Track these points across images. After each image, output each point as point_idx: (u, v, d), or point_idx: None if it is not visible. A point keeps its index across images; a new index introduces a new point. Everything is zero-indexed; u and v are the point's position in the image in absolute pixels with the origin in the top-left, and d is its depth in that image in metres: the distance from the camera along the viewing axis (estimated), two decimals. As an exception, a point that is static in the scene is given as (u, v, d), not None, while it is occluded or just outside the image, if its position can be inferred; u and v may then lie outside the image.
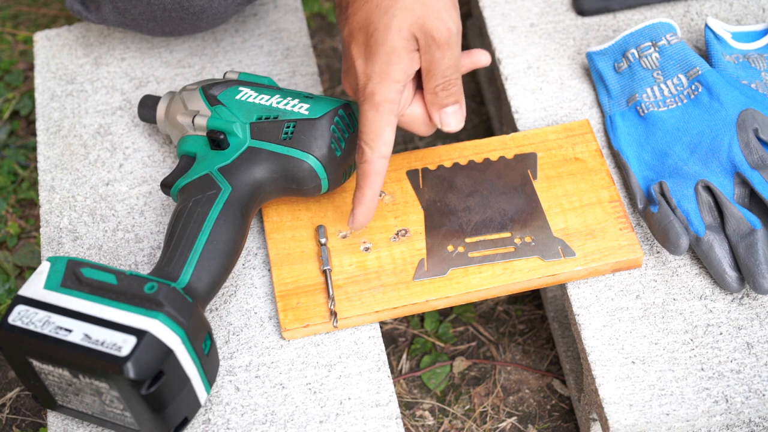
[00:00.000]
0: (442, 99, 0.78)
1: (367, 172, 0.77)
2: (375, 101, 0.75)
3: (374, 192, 0.77)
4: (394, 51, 0.74)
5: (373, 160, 0.76)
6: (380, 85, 0.75)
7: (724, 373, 0.77)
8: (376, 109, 0.75)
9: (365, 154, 0.76)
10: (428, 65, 0.76)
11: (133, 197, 0.91)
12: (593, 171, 0.87)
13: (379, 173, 0.77)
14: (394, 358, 1.04)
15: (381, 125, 0.75)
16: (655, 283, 0.82)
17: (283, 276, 0.82)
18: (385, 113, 0.75)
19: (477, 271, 0.82)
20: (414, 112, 0.80)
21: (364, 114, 0.76)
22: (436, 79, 0.77)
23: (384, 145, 0.76)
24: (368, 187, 0.77)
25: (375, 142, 0.76)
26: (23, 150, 1.27)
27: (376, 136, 0.76)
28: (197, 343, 0.73)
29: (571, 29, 0.99)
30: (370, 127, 0.76)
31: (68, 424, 0.78)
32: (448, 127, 0.79)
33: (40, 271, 0.75)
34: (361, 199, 0.78)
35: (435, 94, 0.78)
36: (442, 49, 0.75)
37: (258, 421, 0.77)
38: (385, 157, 0.76)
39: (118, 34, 1.03)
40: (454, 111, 0.79)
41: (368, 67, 0.75)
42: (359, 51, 0.76)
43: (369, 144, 0.76)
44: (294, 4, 1.05)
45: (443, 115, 0.79)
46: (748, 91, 0.87)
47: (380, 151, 0.76)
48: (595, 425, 0.88)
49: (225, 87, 0.85)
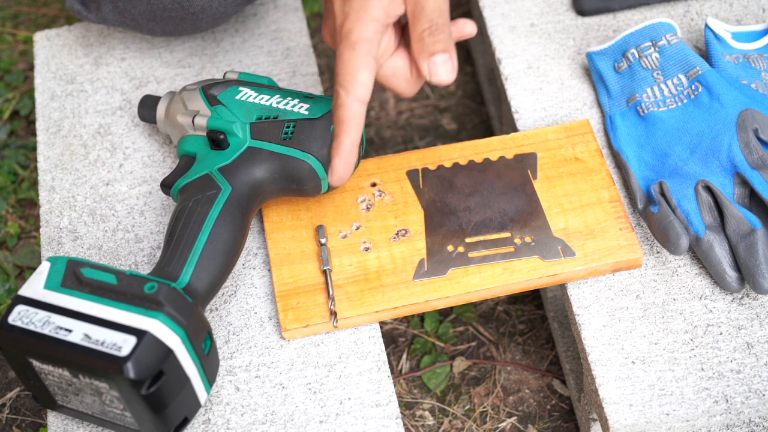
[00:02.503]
0: (429, 45, 0.72)
1: (342, 117, 0.71)
2: (351, 40, 0.70)
3: (352, 140, 0.71)
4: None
5: (348, 104, 0.70)
6: (357, 23, 0.70)
7: (724, 373, 0.77)
8: (352, 48, 0.70)
9: (340, 98, 0.71)
10: (413, 8, 0.72)
11: (133, 197, 0.91)
12: (593, 171, 0.87)
13: (356, 118, 0.71)
14: (394, 358, 1.04)
15: (356, 66, 0.70)
16: (655, 283, 0.82)
17: (283, 276, 0.82)
18: (362, 53, 0.70)
19: (477, 271, 0.82)
20: (395, 65, 0.75)
21: (340, 54, 0.71)
22: (422, 24, 0.72)
23: (360, 87, 0.70)
24: (344, 135, 0.71)
25: (350, 83, 0.70)
26: (23, 150, 1.27)
27: (352, 77, 0.70)
28: (197, 343, 0.73)
29: (571, 29, 0.99)
30: (345, 68, 0.70)
31: (68, 424, 0.78)
32: (437, 77, 0.72)
33: (40, 271, 0.75)
34: (338, 148, 0.71)
35: (421, 41, 0.72)
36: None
37: (258, 421, 0.77)
38: (362, 101, 0.71)
39: (118, 34, 1.03)
40: (444, 60, 0.72)
41: (347, 5, 0.71)
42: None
43: (344, 86, 0.70)
44: (294, 4, 1.05)
45: (431, 64, 0.72)
46: (748, 91, 0.87)
47: (356, 93, 0.70)
48: (595, 425, 0.88)
49: (225, 87, 0.85)
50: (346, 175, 0.73)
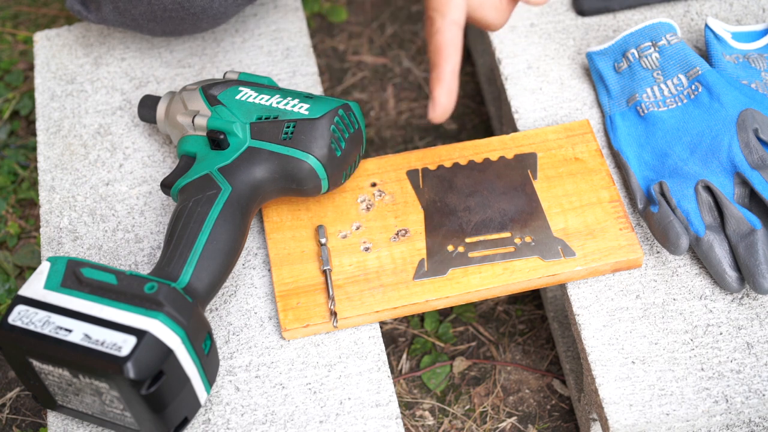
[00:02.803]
0: None
1: (440, 43, 0.67)
2: None
3: (453, 67, 0.67)
4: None
5: (445, 28, 0.67)
6: None
7: (724, 373, 0.77)
8: None
9: (436, 23, 0.67)
10: None
11: (133, 197, 0.91)
12: (593, 171, 0.87)
13: (455, 43, 0.67)
14: (394, 358, 1.04)
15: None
16: (655, 283, 0.82)
17: (283, 276, 0.82)
18: None
19: (477, 271, 0.82)
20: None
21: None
22: None
23: (456, 10, 0.67)
24: (445, 61, 0.67)
25: (445, 6, 0.66)
26: (23, 150, 1.27)
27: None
28: (197, 343, 0.73)
29: (571, 29, 0.99)
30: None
31: (68, 424, 0.78)
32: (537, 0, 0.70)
33: (40, 271, 0.75)
34: (439, 76, 0.67)
35: None
36: None
37: (258, 421, 0.77)
38: (459, 25, 0.67)
39: (118, 34, 1.03)
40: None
41: None
42: None
43: (439, 10, 0.67)
44: (294, 4, 1.05)
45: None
46: (748, 91, 0.87)
47: (452, 15, 0.67)
48: (595, 425, 0.88)
49: (225, 87, 0.85)
50: (450, 106, 0.69)
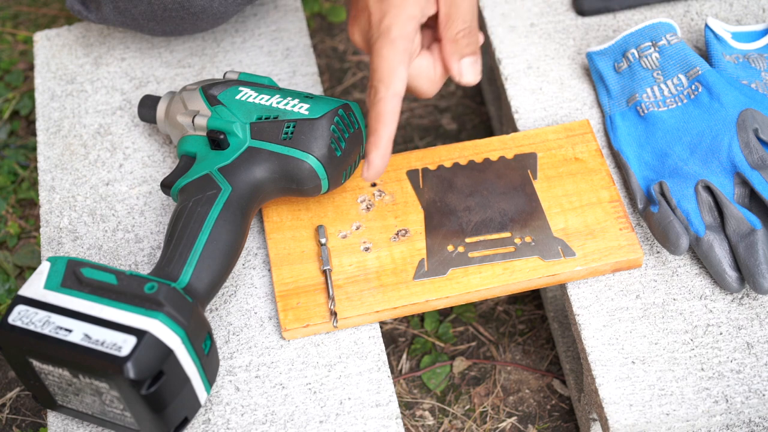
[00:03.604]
0: (462, 47, 0.75)
1: (381, 111, 0.72)
2: (391, 36, 0.72)
3: (389, 134, 0.73)
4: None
5: (387, 98, 0.72)
6: (397, 19, 0.72)
7: (724, 373, 0.77)
8: (392, 44, 0.72)
9: (379, 93, 0.72)
10: (448, 10, 0.74)
11: (133, 197, 0.91)
12: (593, 171, 0.87)
13: (394, 112, 0.73)
14: (394, 358, 1.04)
15: (396, 61, 0.72)
16: (655, 283, 0.82)
17: (283, 276, 0.82)
18: (400, 49, 0.72)
19: (477, 271, 0.81)
20: (420, 65, 0.76)
21: (378, 51, 0.72)
22: (458, 25, 0.74)
23: (399, 82, 0.72)
24: (383, 129, 0.73)
25: (389, 78, 0.72)
26: (23, 150, 1.27)
27: (391, 72, 0.72)
28: (197, 343, 0.73)
29: (571, 29, 0.99)
30: (384, 63, 0.72)
31: (68, 424, 0.78)
32: (467, 77, 0.76)
33: (40, 271, 0.75)
34: (376, 142, 0.73)
35: (455, 42, 0.74)
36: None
37: (258, 421, 0.77)
38: (400, 96, 0.72)
39: (118, 34, 1.03)
40: (472, 62, 0.76)
41: (384, 2, 0.72)
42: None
43: (383, 81, 0.72)
44: (294, 4, 1.05)
45: (462, 66, 0.75)
46: (748, 91, 0.87)
47: (395, 88, 0.72)
48: (595, 425, 0.88)
49: (225, 87, 0.85)
50: (382, 168, 0.74)
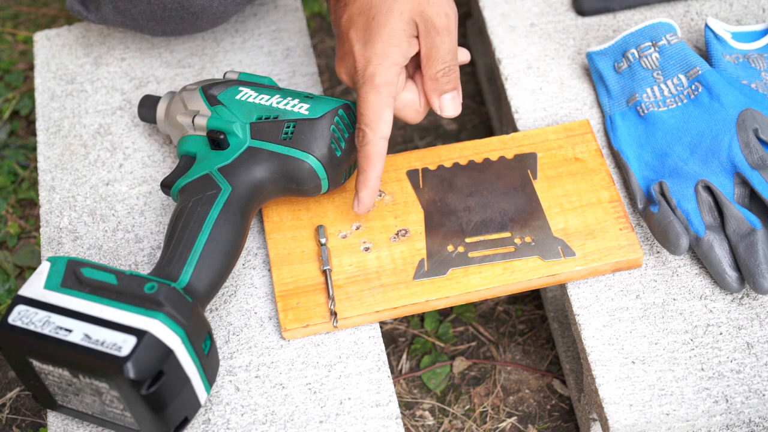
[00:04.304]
0: (442, 85, 0.79)
1: (369, 153, 0.77)
2: (375, 83, 0.76)
3: (377, 174, 0.78)
4: (395, 34, 0.76)
5: (375, 141, 0.77)
6: (380, 67, 0.76)
7: (724, 373, 0.77)
8: (376, 91, 0.76)
9: (367, 136, 0.77)
10: (428, 51, 0.78)
11: (133, 197, 0.91)
12: (593, 171, 0.87)
13: (381, 154, 0.78)
14: (394, 358, 1.04)
15: (381, 106, 0.77)
16: (655, 283, 0.82)
17: (283, 276, 0.82)
18: (385, 95, 0.77)
19: (477, 271, 0.81)
20: (406, 98, 0.81)
21: (364, 96, 0.77)
22: (437, 65, 0.78)
23: (385, 126, 0.77)
24: (371, 169, 0.78)
25: (376, 123, 0.77)
26: (23, 150, 1.27)
27: (377, 117, 0.77)
28: (197, 343, 0.73)
29: (571, 29, 0.99)
30: (370, 109, 0.77)
31: (68, 424, 0.78)
32: (447, 112, 0.81)
33: (40, 271, 0.75)
34: (365, 182, 0.78)
35: (436, 80, 0.79)
36: (441, 35, 0.77)
37: (258, 421, 0.77)
38: (386, 138, 0.77)
39: (118, 34, 1.03)
40: (453, 97, 0.81)
41: (368, 50, 0.77)
42: (358, 35, 0.77)
43: (370, 126, 0.77)
44: (294, 4, 1.05)
45: (443, 101, 0.80)
46: (748, 91, 0.87)
47: (381, 131, 0.77)
48: (595, 425, 0.88)
49: (225, 87, 0.85)
50: (371, 205, 0.80)
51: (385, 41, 0.76)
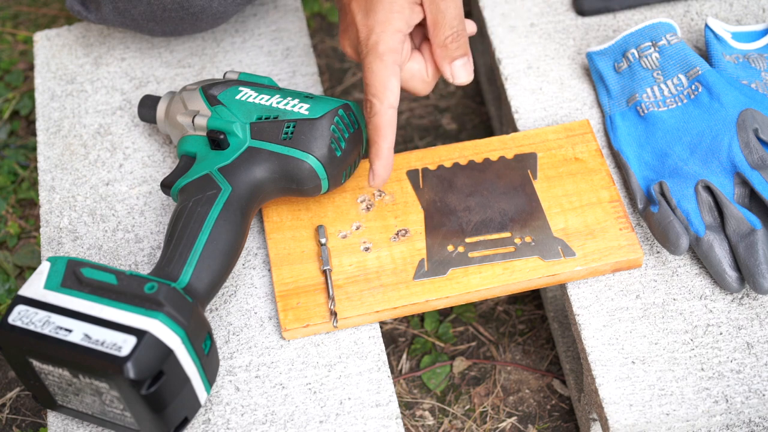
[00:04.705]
0: (452, 51, 0.78)
1: (378, 124, 0.76)
2: (379, 51, 0.75)
3: (389, 144, 0.77)
4: (396, 1, 0.75)
5: (383, 111, 0.76)
6: (383, 35, 0.75)
7: (724, 373, 0.77)
8: (380, 59, 0.75)
9: (374, 107, 0.76)
10: (434, 17, 0.76)
11: (133, 197, 0.91)
12: (593, 171, 0.87)
13: (391, 124, 0.76)
14: (394, 358, 1.04)
15: (387, 75, 0.75)
16: (655, 283, 0.82)
17: (283, 276, 0.82)
18: (390, 63, 0.75)
19: (477, 271, 0.82)
20: (412, 68, 0.79)
21: (369, 66, 0.76)
22: (445, 31, 0.77)
23: (392, 95, 0.76)
24: (383, 140, 0.76)
25: (383, 92, 0.75)
26: (23, 150, 1.27)
27: (383, 86, 0.75)
28: (197, 343, 0.73)
29: (571, 29, 0.99)
30: (376, 78, 0.75)
31: (68, 424, 0.78)
32: (459, 79, 0.79)
33: (40, 271, 0.75)
34: (378, 153, 0.77)
35: (445, 47, 0.77)
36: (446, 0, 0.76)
37: (258, 421, 0.77)
38: (394, 107, 0.76)
39: (118, 34, 1.03)
40: (464, 63, 0.79)
41: (370, 18, 0.75)
42: (360, 5, 0.76)
43: (377, 95, 0.75)
44: (294, 4, 1.05)
45: (454, 68, 0.79)
46: (748, 91, 0.87)
47: (389, 100, 0.76)
48: (595, 425, 0.88)
49: (225, 87, 0.85)
50: (386, 176, 0.78)
51: (386, 8, 0.75)
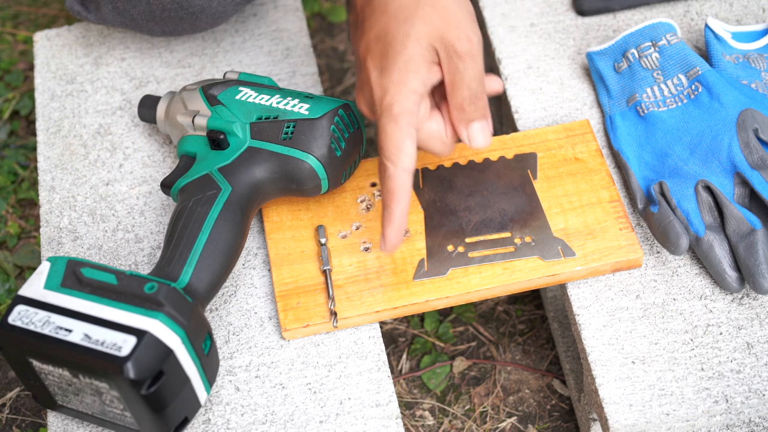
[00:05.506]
0: (470, 114, 0.74)
1: (392, 188, 0.73)
2: (393, 113, 0.72)
3: (402, 209, 0.73)
4: (412, 59, 0.71)
5: (397, 175, 0.72)
6: (398, 96, 0.71)
7: (724, 373, 0.77)
8: (395, 122, 0.72)
9: (388, 170, 0.72)
10: (452, 78, 0.73)
11: (133, 197, 0.91)
12: (593, 171, 0.87)
13: (405, 188, 0.73)
14: (394, 358, 1.04)
15: (401, 138, 0.72)
16: (655, 283, 0.82)
17: (283, 276, 0.82)
18: (404, 125, 0.72)
19: (477, 271, 0.82)
20: (431, 128, 0.75)
21: (383, 128, 0.72)
22: (462, 92, 0.73)
23: (407, 158, 0.72)
24: (396, 204, 0.73)
25: (397, 156, 0.72)
26: (23, 150, 1.27)
27: (398, 149, 0.72)
28: (197, 343, 0.73)
29: (571, 29, 0.99)
30: (390, 141, 0.72)
31: (68, 424, 0.78)
32: (476, 143, 0.75)
33: (40, 271, 0.75)
34: (389, 217, 0.73)
35: (462, 109, 0.74)
36: (464, 60, 0.72)
37: (258, 421, 0.77)
38: (409, 171, 0.72)
39: (118, 34, 1.03)
40: (482, 127, 0.75)
41: (385, 78, 0.72)
42: (375, 63, 0.73)
43: (391, 159, 0.72)
44: (294, 4, 1.05)
45: (471, 131, 0.75)
46: (748, 91, 0.87)
47: (403, 164, 0.72)
48: (595, 425, 0.88)
49: (225, 87, 0.85)
50: (398, 243, 0.75)
51: (401, 69, 0.71)
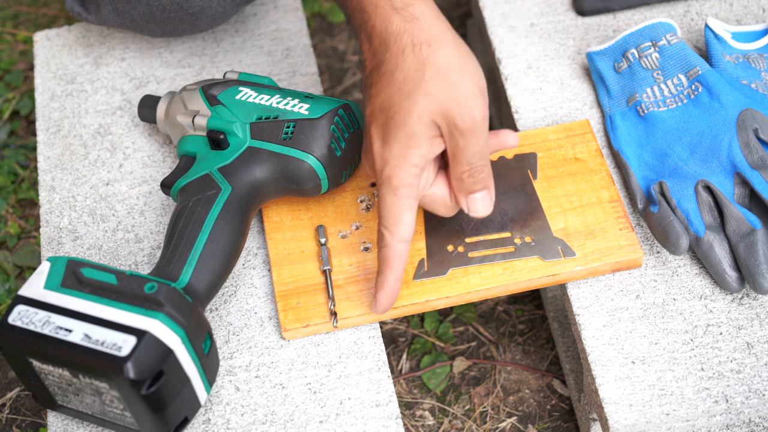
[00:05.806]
0: (468, 185, 0.76)
1: (388, 256, 0.75)
2: (392, 185, 0.73)
3: (396, 276, 0.76)
4: (413, 136, 0.72)
5: (393, 245, 0.74)
6: (397, 169, 0.73)
7: (724, 373, 0.77)
8: (394, 193, 0.73)
9: (385, 239, 0.74)
10: (453, 152, 0.74)
11: (133, 197, 0.91)
12: (593, 171, 0.87)
13: (401, 257, 0.75)
14: (394, 358, 1.04)
15: (400, 209, 0.74)
16: (655, 283, 0.82)
17: (283, 276, 0.82)
18: (403, 197, 0.74)
19: (477, 271, 0.81)
20: (435, 193, 0.77)
21: (383, 198, 0.74)
22: (462, 166, 0.75)
23: (404, 229, 0.74)
24: (390, 271, 0.75)
25: (395, 226, 0.74)
26: (23, 150, 1.27)
27: (396, 220, 0.74)
28: (197, 343, 0.73)
29: (571, 29, 0.99)
30: (388, 211, 0.74)
31: (68, 424, 0.78)
32: (476, 213, 0.77)
33: (40, 271, 0.75)
34: (383, 283, 0.76)
35: (461, 181, 0.76)
36: (466, 137, 0.73)
37: (258, 421, 0.77)
38: (406, 241, 0.75)
39: (118, 35, 1.03)
40: (482, 197, 0.77)
41: (385, 150, 0.74)
42: (378, 132, 0.74)
43: (388, 228, 0.74)
44: (294, 4, 1.05)
45: (470, 201, 0.77)
46: (748, 91, 0.87)
47: (400, 235, 0.74)
48: (595, 425, 0.88)
49: (225, 87, 0.85)
50: (388, 307, 0.77)
51: (402, 144, 0.73)
